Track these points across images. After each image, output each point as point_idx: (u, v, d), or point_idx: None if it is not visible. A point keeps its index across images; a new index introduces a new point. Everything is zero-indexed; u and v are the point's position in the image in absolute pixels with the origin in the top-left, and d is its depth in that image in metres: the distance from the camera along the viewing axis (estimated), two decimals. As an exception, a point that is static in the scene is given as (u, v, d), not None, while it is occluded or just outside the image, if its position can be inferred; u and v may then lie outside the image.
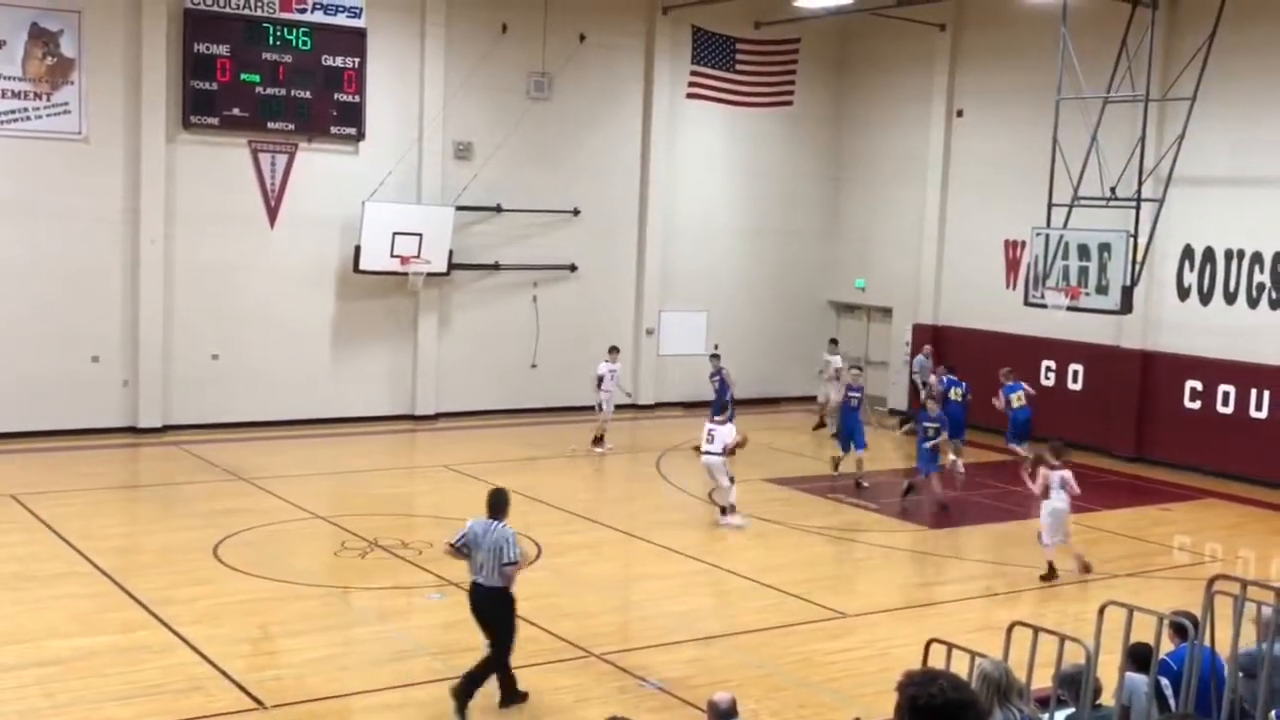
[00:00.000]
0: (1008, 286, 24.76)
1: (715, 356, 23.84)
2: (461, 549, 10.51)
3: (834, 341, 26.36)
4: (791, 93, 27.70)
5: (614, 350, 22.91)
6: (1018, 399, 21.47)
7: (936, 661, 7.74)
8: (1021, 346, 24.14)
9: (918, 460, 18.90)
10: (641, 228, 26.40)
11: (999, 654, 7.75)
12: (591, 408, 22.45)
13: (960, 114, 25.99)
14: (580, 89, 25.23)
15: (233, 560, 14.51)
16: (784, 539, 16.73)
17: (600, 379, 22.09)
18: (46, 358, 20.94)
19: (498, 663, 10.48)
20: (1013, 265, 24.74)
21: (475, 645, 11.65)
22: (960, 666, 7.32)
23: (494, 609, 10.46)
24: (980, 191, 25.57)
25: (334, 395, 23.30)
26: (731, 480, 17.12)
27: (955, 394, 21.76)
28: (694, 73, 26.62)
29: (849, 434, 20.28)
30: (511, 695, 10.59)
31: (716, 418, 17.69)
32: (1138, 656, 8.12)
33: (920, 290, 26.70)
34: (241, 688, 10.70)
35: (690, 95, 26.65)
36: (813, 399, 26.43)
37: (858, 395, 20.85)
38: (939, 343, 26.06)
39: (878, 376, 27.49)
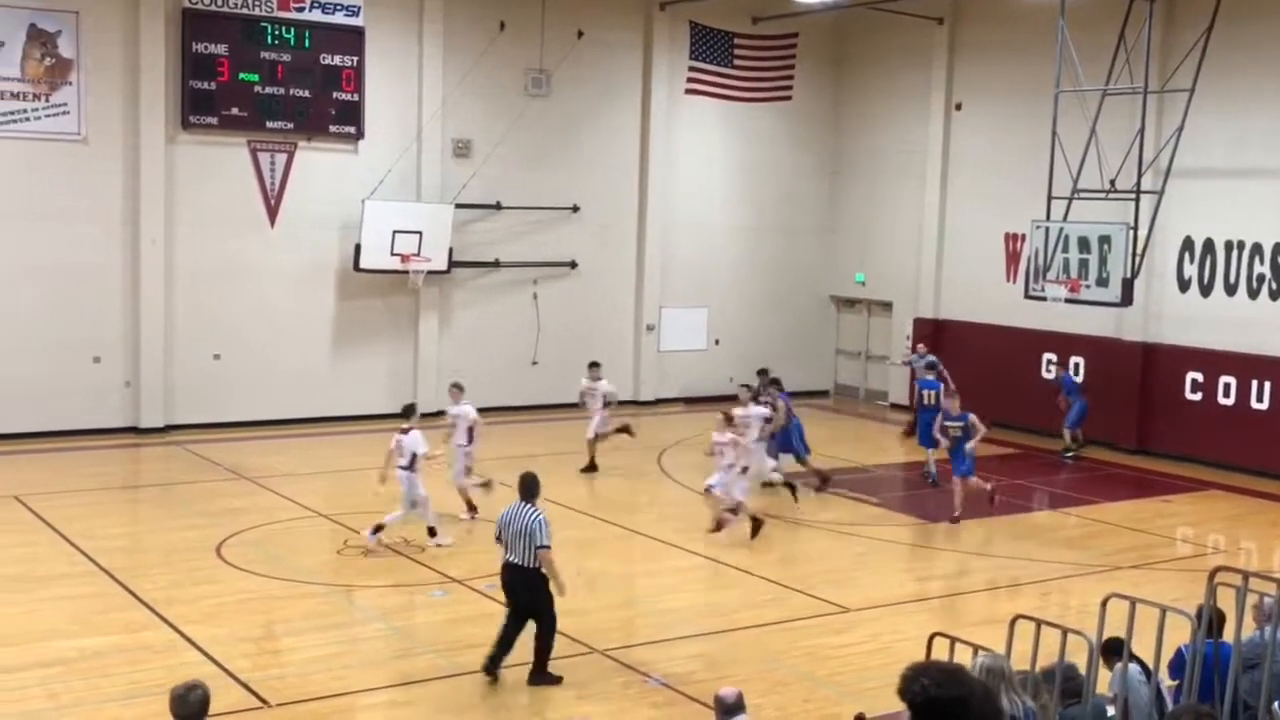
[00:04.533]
0: (1008, 280, 24.76)
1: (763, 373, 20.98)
2: (499, 536, 11.05)
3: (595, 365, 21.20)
4: (790, 88, 27.70)
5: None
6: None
7: (940, 655, 7.75)
8: (1022, 339, 24.16)
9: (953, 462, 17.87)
10: (641, 224, 26.41)
11: (1002, 647, 7.76)
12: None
13: (959, 107, 25.99)
14: (578, 86, 25.23)
15: (236, 559, 14.53)
16: (785, 534, 16.75)
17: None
18: (48, 359, 20.95)
19: (544, 643, 10.97)
20: (1013, 258, 24.74)
21: (479, 642, 11.69)
22: (963, 660, 7.33)
23: (527, 589, 10.87)
24: (980, 185, 25.56)
25: (335, 394, 23.31)
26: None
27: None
28: (692, 68, 26.62)
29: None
30: (542, 676, 10.96)
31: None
32: (1115, 650, 8.12)
33: (920, 284, 26.71)
34: (246, 686, 10.72)
35: (689, 91, 26.64)
36: (823, 394, 26.33)
37: (933, 391, 20.36)
38: (939, 336, 26.07)
39: (878, 370, 27.51)
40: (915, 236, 26.74)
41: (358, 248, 22.75)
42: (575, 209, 25.45)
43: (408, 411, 15.69)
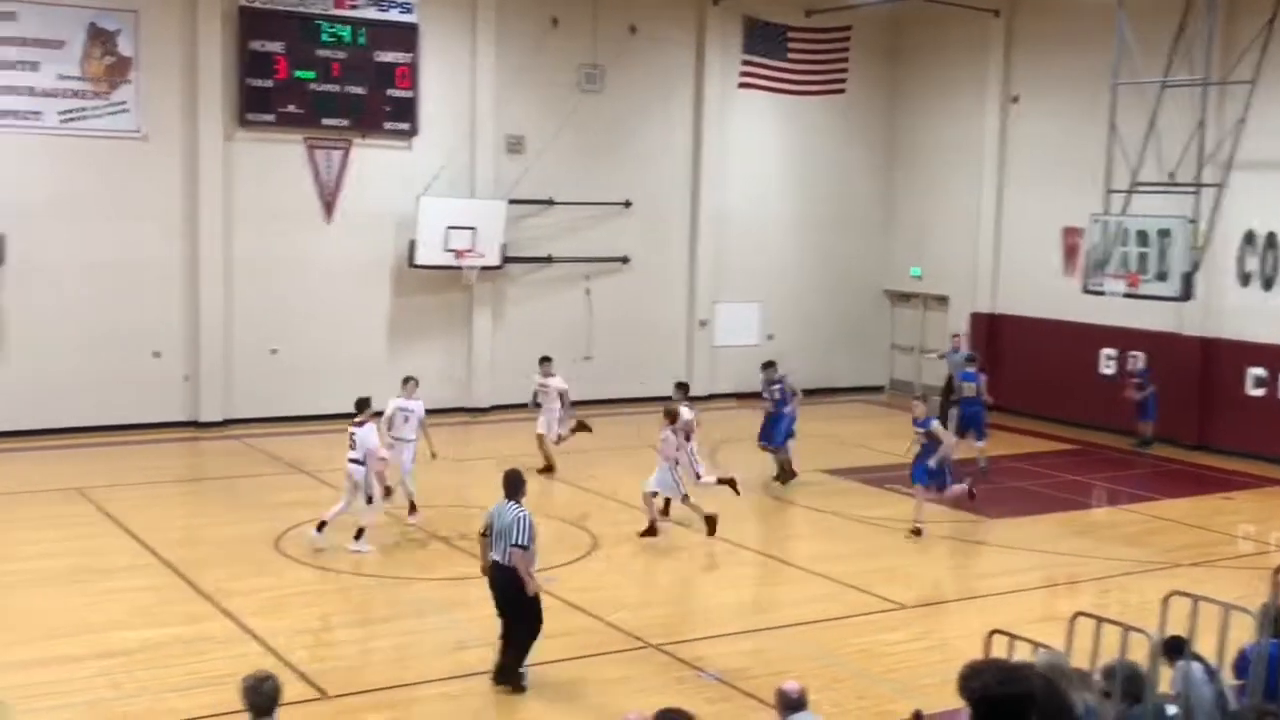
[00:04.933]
0: (1066, 274, 24.48)
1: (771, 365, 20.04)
2: (485, 533, 10.86)
3: (546, 360, 20.30)
4: (844, 81, 27.53)
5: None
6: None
7: (999, 653, 7.69)
8: (1080, 334, 23.90)
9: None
10: (694, 219, 26.38)
11: (1061, 645, 7.69)
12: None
13: (1016, 100, 25.73)
14: (631, 80, 25.24)
15: (294, 552, 14.67)
16: (842, 529, 16.67)
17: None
18: (109, 353, 21.24)
19: (521, 644, 10.70)
20: (1071, 252, 24.47)
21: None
22: (1022, 658, 7.27)
23: (513, 590, 10.65)
24: (1037, 178, 25.30)
25: (391, 388, 23.31)
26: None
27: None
28: (745, 62, 26.53)
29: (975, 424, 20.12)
30: (511, 676, 10.69)
31: None
32: (1177, 648, 8.02)
33: (977, 278, 26.48)
34: (305, 678, 10.83)
35: (742, 85, 26.56)
36: (878, 389, 26.15)
37: (975, 384, 20.42)
38: (995, 331, 25.84)
39: (934, 365, 27.25)
40: (972, 230, 26.52)
41: (412, 244, 22.90)
42: (628, 204, 25.46)
43: (361, 406, 15.30)
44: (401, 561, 14.64)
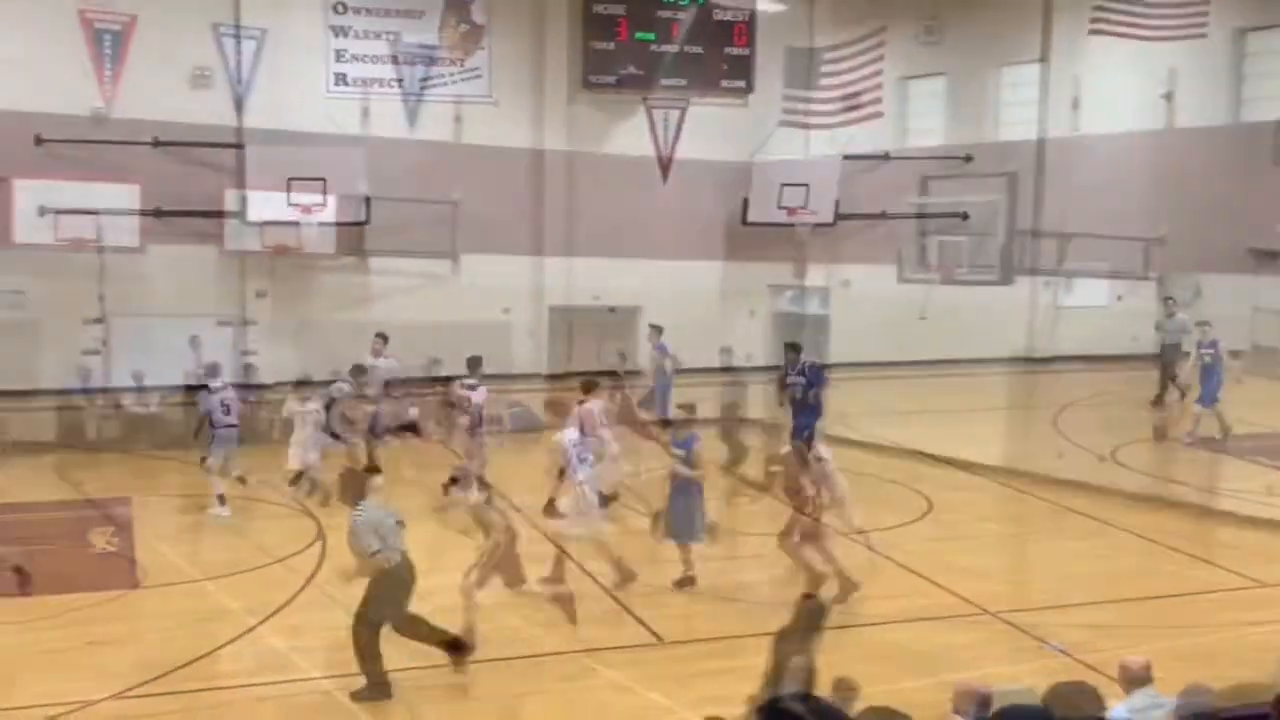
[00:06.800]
0: None
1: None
2: (375, 551, 9.58)
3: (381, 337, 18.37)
4: (1205, 23, 25.57)
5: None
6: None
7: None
8: None
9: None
10: (1038, 171, 25.26)
11: None
12: None
13: None
14: (973, 30, 24.38)
15: (634, 503, 15.03)
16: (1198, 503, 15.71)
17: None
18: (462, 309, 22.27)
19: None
20: None
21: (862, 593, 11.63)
22: None
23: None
24: None
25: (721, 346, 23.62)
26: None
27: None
28: (1097, 7, 25.07)
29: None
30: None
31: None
32: None
33: None
34: (643, 624, 11.14)
35: (1093, 31, 25.14)
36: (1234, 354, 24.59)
37: (1210, 352, 18.99)
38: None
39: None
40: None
41: (745, 202, 23.01)
42: (968, 159, 24.64)
43: (213, 371, 15.07)
44: (733, 517, 14.77)
